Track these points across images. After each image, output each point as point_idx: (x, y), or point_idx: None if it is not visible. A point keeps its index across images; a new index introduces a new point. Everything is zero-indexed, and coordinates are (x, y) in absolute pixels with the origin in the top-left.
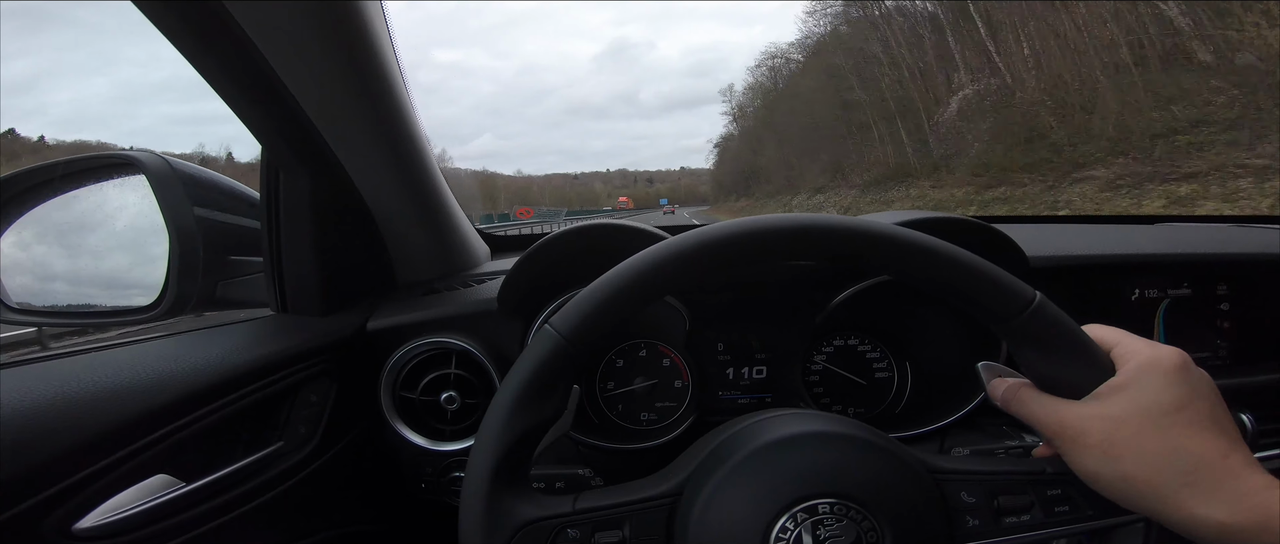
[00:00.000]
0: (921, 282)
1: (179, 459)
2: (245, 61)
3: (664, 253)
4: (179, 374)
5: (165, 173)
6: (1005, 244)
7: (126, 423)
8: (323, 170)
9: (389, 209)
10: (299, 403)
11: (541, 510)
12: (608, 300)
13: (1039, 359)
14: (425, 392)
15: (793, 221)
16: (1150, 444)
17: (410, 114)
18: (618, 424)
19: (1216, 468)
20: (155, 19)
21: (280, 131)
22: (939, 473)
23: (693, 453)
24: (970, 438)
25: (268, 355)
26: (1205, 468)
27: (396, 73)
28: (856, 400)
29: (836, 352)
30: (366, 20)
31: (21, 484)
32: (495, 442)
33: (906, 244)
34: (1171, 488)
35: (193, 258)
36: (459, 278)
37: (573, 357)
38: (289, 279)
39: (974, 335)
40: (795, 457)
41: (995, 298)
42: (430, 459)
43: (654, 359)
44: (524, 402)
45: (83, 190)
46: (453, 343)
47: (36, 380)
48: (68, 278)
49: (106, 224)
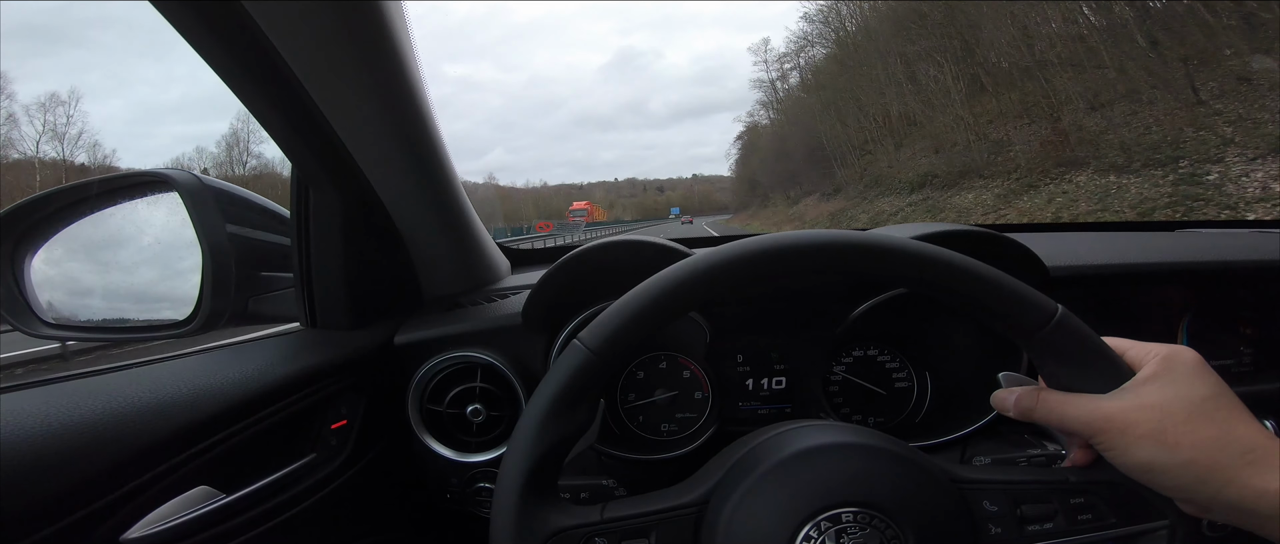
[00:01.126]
0: (946, 296)
1: (219, 471)
2: (279, 83)
3: (691, 269)
4: (219, 388)
5: (199, 190)
6: (1024, 254)
7: (171, 436)
8: (351, 187)
9: (415, 225)
10: (330, 416)
11: (571, 519)
12: (635, 315)
13: (1062, 369)
14: (451, 404)
15: (819, 238)
16: (1205, 430)
17: (434, 130)
18: (639, 435)
19: (1268, 447)
20: (195, 43)
21: (311, 150)
22: (962, 482)
23: (718, 463)
24: (991, 446)
25: (301, 370)
26: (1259, 448)
27: (422, 89)
28: (876, 410)
29: (856, 362)
30: (395, 38)
31: (73, 496)
32: (527, 452)
33: (931, 260)
34: (1235, 468)
35: (225, 274)
36: (482, 292)
37: (601, 370)
38: (318, 294)
39: (994, 345)
40: (820, 467)
41: (1019, 312)
42: (456, 470)
43: (674, 371)
44: (554, 413)
45: (117, 208)
46: (478, 357)
47: (86, 395)
48: (102, 294)
49: (139, 240)
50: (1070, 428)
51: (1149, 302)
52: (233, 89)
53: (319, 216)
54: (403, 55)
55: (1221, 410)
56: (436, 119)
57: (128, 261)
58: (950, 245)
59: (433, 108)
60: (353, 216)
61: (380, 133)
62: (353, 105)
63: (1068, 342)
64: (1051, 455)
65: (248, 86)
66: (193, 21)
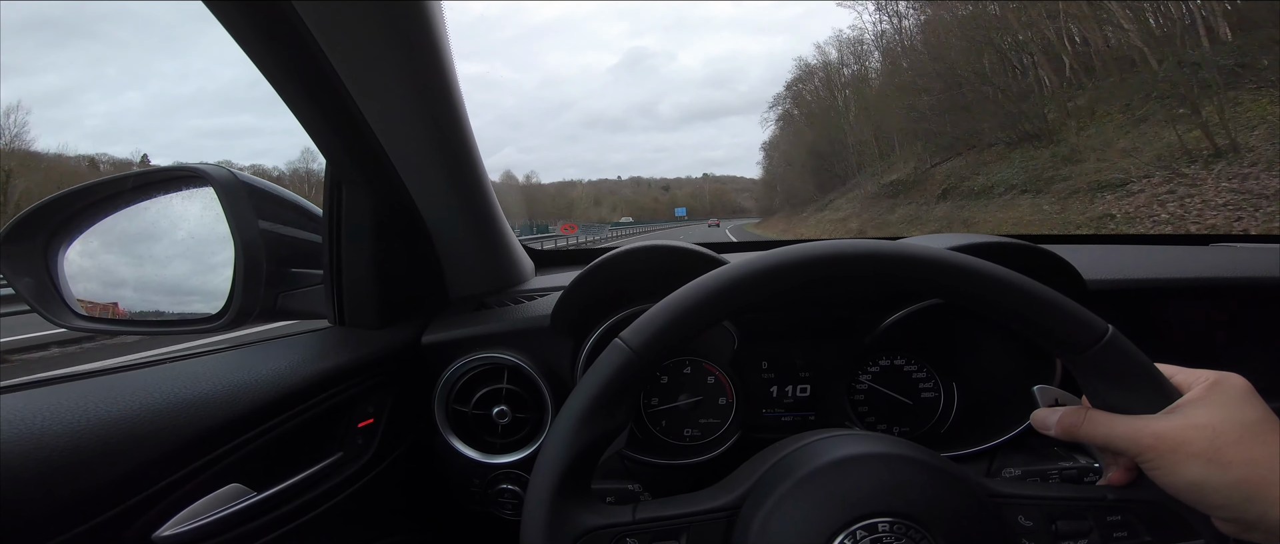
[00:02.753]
0: (993, 311)
1: (249, 468)
2: (320, 81)
3: (738, 274)
4: (252, 385)
5: (233, 185)
6: (1062, 267)
7: (206, 433)
8: (384, 187)
9: (445, 225)
10: (357, 414)
11: (603, 518)
12: (679, 317)
13: (1109, 389)
14: (477, 405)
15: (868, 248)
16: (1256, 450)
17: (468, 130)
18: (661, 440)
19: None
20: (242, 41)
21: (346, 148)
22: (998, 496)
23: (750, 468)
24: (1020, 458)
25: (330, 368)
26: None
27: (457, 89)
28: (902, 420)
29: (882, 371)
30: (435, 38)
31: (107, 493)
32: (564, 448)
33: (983, 275)
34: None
35: (256, 270)
36: (508, 293)
37: (641, 370)
38: (348, 292)
39: (1024, 356)
40: (856, 476)
41: (1068, 330)
42: (479, 471)
43: (699, 376)
44: (594, 411)
45: (153, 202)
46: (505, 358)
47: (123, 391)
48: (134, 287)
49: (174, 235)
50: (1116, 447)
51: (1186, 316)
52: (274, 85)
53: (351, 215)
54: (441, 55)
55: (1272, 433)
56: (469, 119)
57: (162, 255)
58: (986, 257)
59: (466, 108)
60: (384, 215)
61: (416, 132)
62: (390, 105)
63: (1117, 361)
64: (1083, 469)
65: (289, 85)
66: (242, 22)
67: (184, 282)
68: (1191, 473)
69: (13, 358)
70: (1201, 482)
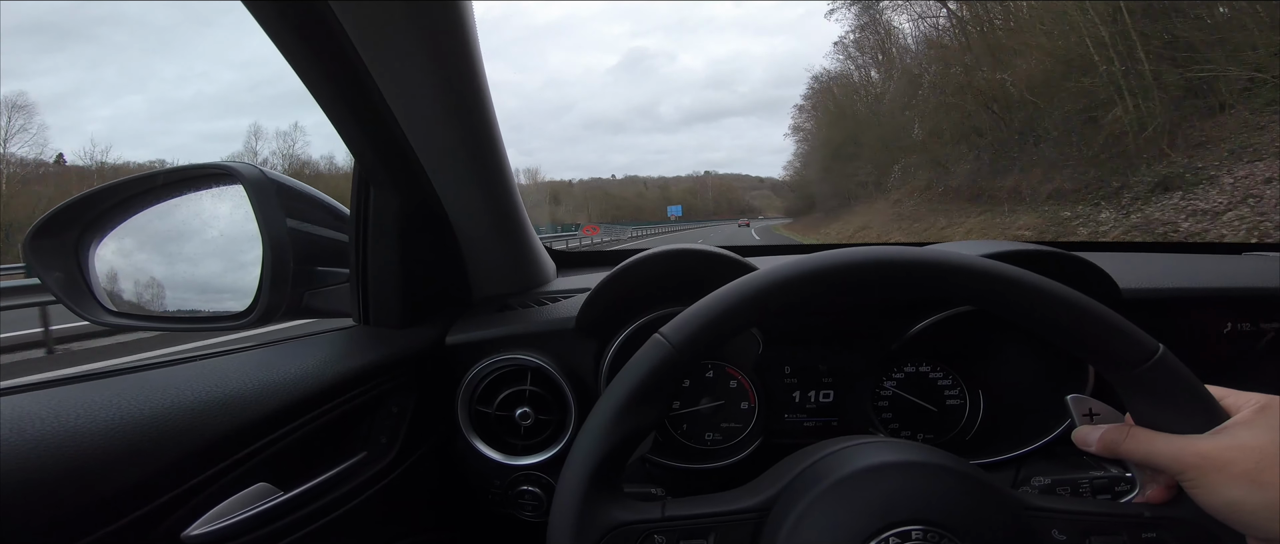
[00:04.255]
0: (1042, 325)
1: (276, 467)
2: (354, 81)
3: (782, 275)
4: (280, 384)
5: (262, 183)
6: (1097, 276)
7: (235, 431)
8: (411, 187)
9: (471, 225)
10: (381, 414)
11: (632, 514)
12: (721, 316)
13: (1154, 407)
14: (500, 407)
15: (913, 256)
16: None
17: (496, 132)
18: (682, 443)
19: None
20: (279, 43)
21: (376, 149)
22: (1031, 509)
23: (780, 472)
24: (1048, 466)
25: (356, 368)
26: None
27: (487, 91)
28: (926, 427)
29: (907, 378)
30: (466, 40)
31: (139, 490)
32: (599, 441)
33: (1033, 288)
34: None
35: (283, 268)
36: (531, 295)
37: (680, 366)
38: (373, 292)
39: (1054, 364)
40: (890, 483)
41: (1119, 347)
42: (500, 472)
43: (721, 380)
44: (630, 406)
45: (183, 198)
46: (530, 360)
47: (155, 388)
48: (164, 283)
49: (204, 232)
50: (1159, 465)
51: (1221, 327)
52: (307, 85)
53: (378, 215)
54: (472, 56)
55: None
56: (498, 120)
57: (192, 252)
58: (1023, 265)
59: (495, 109)
60: (411, 216)
61: (446, 134)
62: (421, 106)
63: (1166, 381)
64: (1113, 478)
65: (323, 85)
66: (280, 25)
67: (212, 279)
68: (1232, 493)
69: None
70: (1241, 502)
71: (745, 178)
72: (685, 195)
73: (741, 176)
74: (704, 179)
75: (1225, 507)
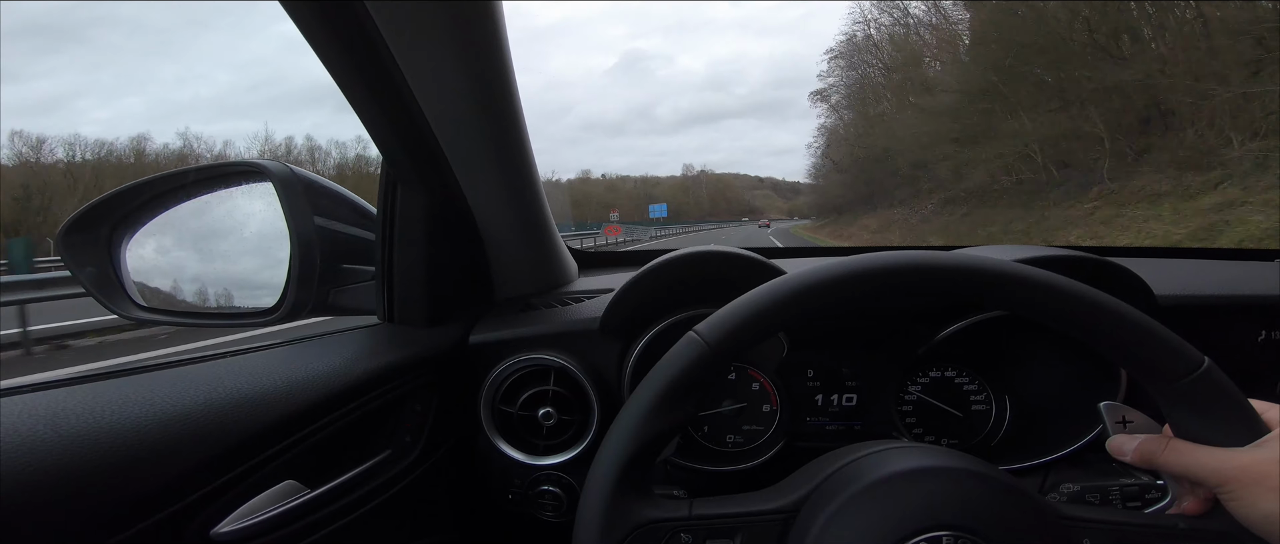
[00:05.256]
0: (1084, 334)
1: (303, 465)
2: (386, 82)
3: (819, 277)
4: (309, 382)
5: (291, 180)
6: (1132, 282)
7: (265, 429)
8: (439, 188)
9: (496, 226)
10: (405, 412)
11: (659, 512)
12: (756, 316)
13: (1195, 419)
14: (523, 407)
15: (956, 261)
16: None
17: (524, 134)
18: (703, 445)
19: None
20: (316, 46)
21: (406, 149)
22: (1064, 518)
23: (808, 474)
24: (1076, 473)
25: (382, 366)
26: None
27: (516, 92)
28: (950, 431)
29: (932, 383)
30: (498, 43)
31: (171, 487)
32: (629, 439)
33: (1077, 296)
34: None
35: (310, 265)
36: (554, 295)
37: (713, 365)
38: (398, 290)
39: (1084, 370)
40: (921, 489)
41: (1162, 359)
42: (520, 472)
43: (743, 382)
44: (662, 404)
45: (212, 196)
46: (553, 360)
47: (188, 385)
48: (192, 279)
49: (233, 228)
50: (1197, 477)
51: (1255, 335)
52: (341, 87)
53: (405, 215)
54: (503, 58)
55: None
56: (526, 121)
57: (222, 248)
58: (1057, 270)
59: (523, 110)
60: (437, 216)
61: (474, 134)
62: (452, 106)
63: (1209, 394)
64: (1144, 486)
65: (357, 86)
66: (316, 26)
67: (240, 274)
68: (1270, 506)
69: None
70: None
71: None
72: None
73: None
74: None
75: (1263, 520)
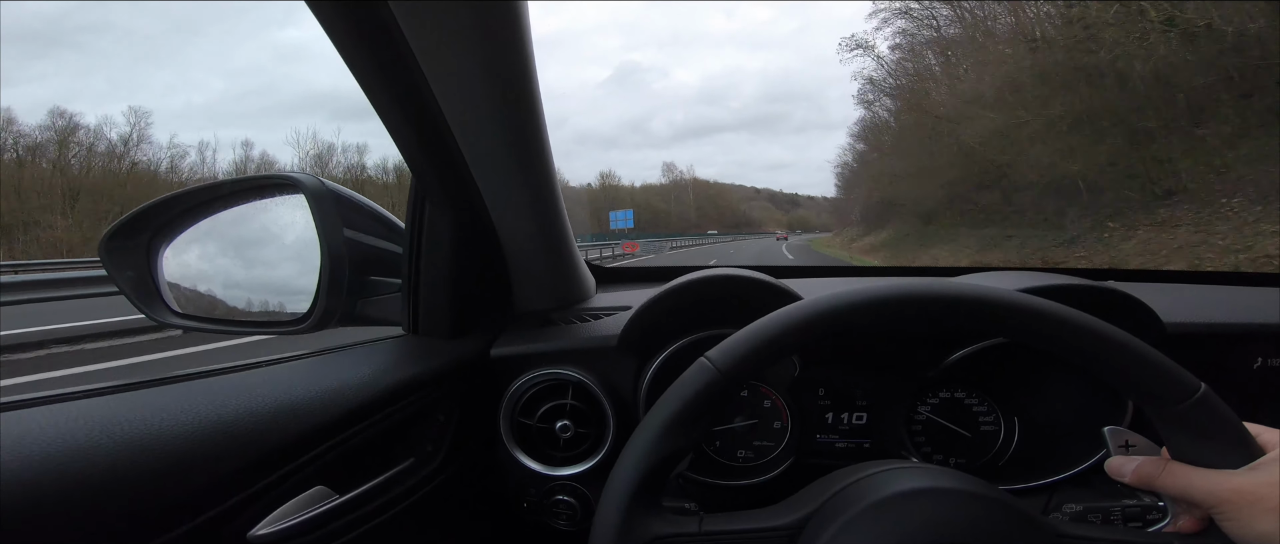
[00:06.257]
0: (1088, 362)
1: (333, 471)
2: (418, 101)
3: (825, 306)
4: (342, 391)
5: (322, 193)
6: (1138, 309)
7: (301, 436)
8: (465, 204)
9: (519, 243)
10: (428, 422)
11: (670, 527)
12: (767, 343)
13: (1192, 442)
14: (541, 419)
15: (961, 290)
16: None
17: (548, 153)
18: (713, 459)
19: None
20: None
21: (434, 167)
22: (1065, 538)
23: (816, 491)
24: (1080, 494)
25: (409, 377)
26: None
27: (541, 111)
28: (958, 451)
29: (942, 403)
30: (525, 67)
31: (213, 491)
32: (643, 457)
33: (1077, 326)
34: None
35: (340, 276)
36: (573, 311)
37: (725, 390)
38: (423, 303)
39: (1091, 394)
40: (925, 509)
41: (1160, 385)
42: (536, 482)
43: (755, 399)
44: (674, 426)
45: (246, 206)
46: (572, 375)
47: (227, 393)
48: (227, 287)
49: (266, 239)
50: (1194, 499)
51: (1251, 361)
52: (376, 107)
53: (432, 230)
54: (530, 81)
55: None
56: (550, 141)
57: (256, 258)
58: (1060, 299)
59: (547, 128)
60: (463, 232)
61: (502, 155)
62: (481, 128)
63: (1205, 418)
64: (1145, 507)
65: (392, 109)
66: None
67: (272, 284)
68: (1263, 526)
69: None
70: (1272, 535)
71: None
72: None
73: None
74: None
75: (1257, 540)
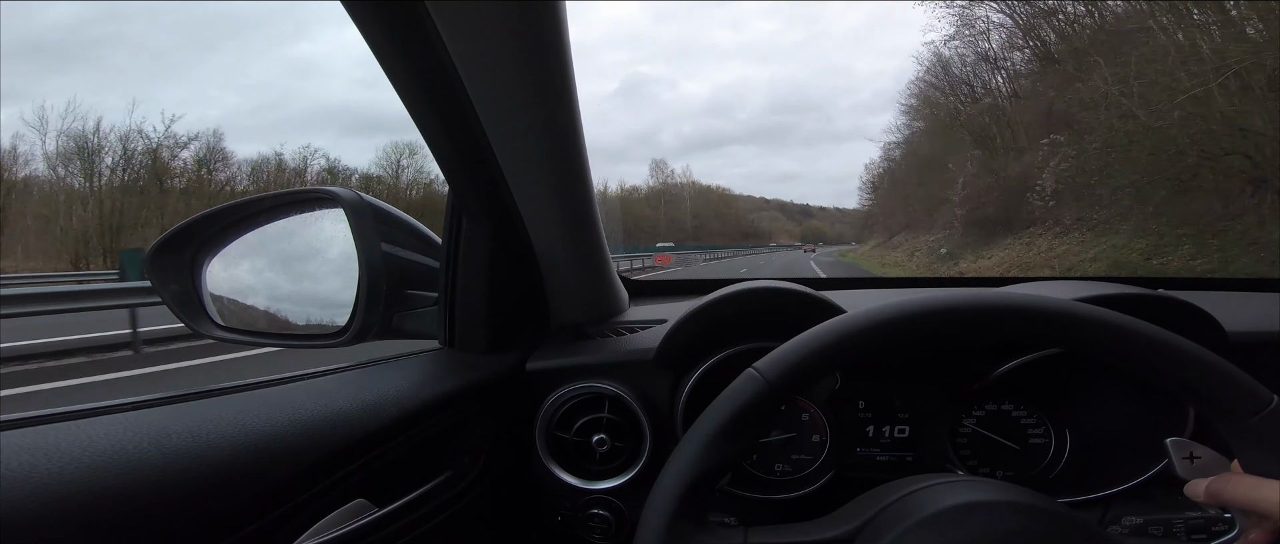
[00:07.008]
0: (1152, 374)
1: (372, 484)
2: (460, 120)
3: (876, 317)
4: (380, 404)
5: (361, 208)
6: (1199, 318)
7: (342, 449)
8: (502, 219)
9: (556, 257)
10: (465, 435)
11: (715, 540)
12: (815, 354)
13: (1264, 454)
14: (578, 433)
15: (1018, 302)
16: None
17: (586, 168)
18: (750, 472)
19: None
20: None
21: (473, 183)
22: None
23: (863, 505)
24: (1139, 506)
25: (447, 390)
26: None
27: (581, 128)
28: (1006, 464)
29: (988, 416)
30: (566, 82)
31: (255, 504)
32: (689, 470)
33: (1140, 335)
34: None
35: (378, 290)
36: (608, 325)
37: (772, 401)
38: (460, 317)
39: (1148, 404)
40: (981, 523)
41: (1232, 398)
42: (571, 495)
43: (793, 412)
44: (721, 438)
45: (287, 220)
46: (608, 389)
47: (272, 406)
48: (268, 301)
49: (306, 253)
50: (1264, 511)
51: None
52: (415, 119)
53: (469, 245)
54: (570, 96)
55: None
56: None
57: (298, 272)
58: (1120, 308)
59: (586, 143)
60: (499, 247)
61: (540, 169)
62: (518, 140)
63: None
64: (1210, 519)
65: (434, 125)
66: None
67: (311, 298)
68: None
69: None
70: None
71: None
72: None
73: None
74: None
75: None
